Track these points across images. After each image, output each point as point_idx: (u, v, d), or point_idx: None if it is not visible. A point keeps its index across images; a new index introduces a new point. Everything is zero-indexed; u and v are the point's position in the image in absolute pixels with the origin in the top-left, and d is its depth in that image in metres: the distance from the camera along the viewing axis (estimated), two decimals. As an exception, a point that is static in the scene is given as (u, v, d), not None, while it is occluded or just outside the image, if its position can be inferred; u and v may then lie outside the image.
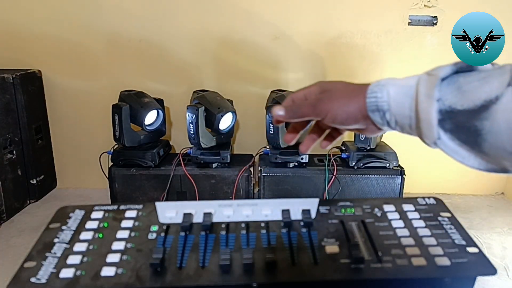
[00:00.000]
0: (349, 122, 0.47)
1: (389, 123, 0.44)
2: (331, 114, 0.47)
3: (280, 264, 0.42)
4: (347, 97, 0.47)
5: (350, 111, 0.46)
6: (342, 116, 0.46)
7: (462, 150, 0.39)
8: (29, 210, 2.00)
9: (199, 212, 0.50)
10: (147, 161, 1.77)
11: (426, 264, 0.42)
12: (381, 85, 0.45)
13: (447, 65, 0.42)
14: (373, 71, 2.08)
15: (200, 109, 1.70)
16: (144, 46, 2.06)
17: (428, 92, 0.40)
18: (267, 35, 2.04)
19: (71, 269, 0.41)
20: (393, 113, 0.43)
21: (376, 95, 0.44)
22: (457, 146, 0.39)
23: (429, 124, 0.39)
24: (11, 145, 1.90)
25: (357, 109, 0.46)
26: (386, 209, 0.51)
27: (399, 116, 0.43)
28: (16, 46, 2.06)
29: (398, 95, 0.43)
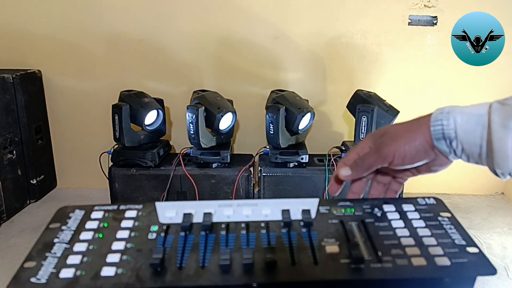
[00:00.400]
0: (419, 157, 0.46)
1: (456, 151, 0.43)
2: (398, 153, 0.46)
3: (280, 264, 0.42)
4: (410, 132, 0.46)
5: (417, 144, 0.45)
6: (411, 151, 0.45)
7: None
8: (29, 210, 2.00)
9: (199, 212, 0.50)
10: (147, 161, 1.77)
11: (426, 264, 0.42)
12: (446, 112, 0.43)
13: None
14: (373, 71, 2.08)
15: (200, 109, 1.70)
16: (144, 46, 2.06)
17: (503, 122, 0.39)
18: (267, 35, 2.04)
19: (71, 269, 0.41)
20: (461, 141, 0.42)
21: (442, 123, 0.43)
22: None
23: (505, 155, 0.38)
24: (11, 145, 1.90)
25: (424, 140, 0.44)
26: (386, 209, 0.51)
27: (467, 145, 0.42)
28: (16, 46, 2.06)
29: (467, 123, 0.42)
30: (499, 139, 0.39)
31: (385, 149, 0.46)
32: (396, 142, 0.46)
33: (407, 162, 0.46)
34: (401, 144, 0.45)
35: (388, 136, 0.47)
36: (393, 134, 0.47)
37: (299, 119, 1.74)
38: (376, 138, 0.48)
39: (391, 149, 0.46)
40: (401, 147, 0.45)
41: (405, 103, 1.93)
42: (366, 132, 1.72)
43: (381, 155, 0.47)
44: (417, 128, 0.45)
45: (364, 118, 1.72)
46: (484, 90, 2.04)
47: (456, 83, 2.07)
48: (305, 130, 1.84)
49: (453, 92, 2.08)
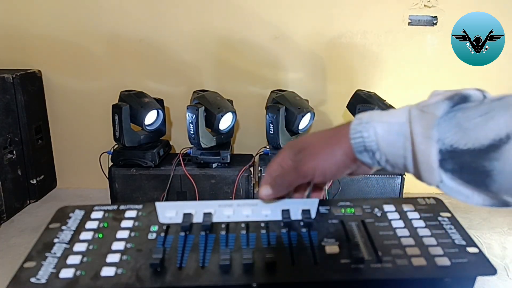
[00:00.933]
0: (341, 172, 0.44)
1: (380, 162, 0.41)
2: (319, 171, 0.43)
3: (280, 264, 0.42)
4: (328, 147, 0.43)
5: (338, 160, 0.43)
6: (332, 168, 0.43)
7: (465, 190, 0.36)
8: (29, 210, 2.00)
9: (199, 212, 0.50)
10: (147, 161, 1.77)
11: (426, 264, 0.42)
12: (365, 122, 0.41)
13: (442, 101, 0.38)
14: (373, 71, 2.08)
15: (200, 109, 1.70)
16: (144, 46, 2.06)
17: (425, 132, 0.36)
18: (267, 35, 2.04)
19: (71, 269, 0.41)
20: (384, 152, 0.40)
21: (362, 135, 0.40)
22: (460, 185, 0.36)
23: (430, 167, 0.36)
24: (11, 145, 1.90)
25: (344, 154, 0.42)
26: (386, 209, 0.51)
27: (391, 156, 0.40)
28: (16, 46, 2.06)
29: (388, 134, 0.39)
30: (423, 151, 0.36)
31: (304, 168, 0.44)
32: (315, 159, 0.43)
33: (329, 178, 0.44)
34: (321, 161, 0.43)
35: (307, 153, 0.44)
36: (311, 150, 0.44)
37: (299, 119, 1.74)
38: (295, 152, 0.46)
39: (311, 167, 0.44)
40: (321, 164, 0.43)
41: (405, 103, 1.92)
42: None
43: (300, 174, 0.45)
44: (337, 142, 0.43)
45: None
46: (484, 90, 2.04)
47: (456, 83, 2.07)
48: (305, 130, 1.84)
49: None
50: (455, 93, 0.38)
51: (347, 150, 0.42)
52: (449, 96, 0.38)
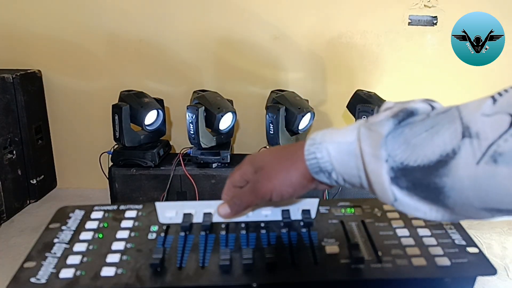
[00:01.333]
0: (298, 192, 0.44)
1: (337, 181, 0.41)
2: (276, 192, 0.44)
3: (280, 264, 0.42)
4: (284, 169, 0.43)
5: (294, 182, 0.43)
6: (288, 190, 0.43)
7: (423, 206, 0.35)
8: (29, 210, 2.00)
9: (199, 212, 0.50)
10: (147, 161, 1.77)
11: (426, 264, 0.42)
12: (318, 143, 0.41)
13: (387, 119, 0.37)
14: (373, 71, 2.08)
15: (200, 109, 1.70)
16: (144, 46, 2.06)
17: (374, 152, 0.36)
18: (267, 35, 2.04)
19: (71, 269, 0.41)
20: (339, 172, 0.40)
21: (316, 156, 0.40)
22: (417, 202, 0.35)
23: (382, 186, 0.36)
24: (11, 145, 1.90)
25: (301, 176, 0.42)
26: (386, 209, 0.51)
27: (346, 176, 0.40)
28: (16, 46, 2.06)
29: (340, 154, 0.39)
30: (373, 171, 0.36)
31: (261, 190, 0.44)
32: (271, 182, 0.44)
33: (286, 198, 0.45)
34: (277, 183, 0.43)
35: (264, 174, 0.44)
36: (268, 171, 0.44)
37: (299, 119, 1.74)
38: (254, 169, 0.46)
39: (268, 189, 0.44)
40: (278, 187, 0.43)
41: (405, 103, 1.93)
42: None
43: (258, 195, 0.45)
44: (292, 164, 0.43)
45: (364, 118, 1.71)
46: (484, 90, 2.03)
47: (456, 83, 2.07)
48: (305, 130, 1.83)
49: (453, 92, 2.08)
50: (401, 109, 0.38)
51: (303, 171, 0.42)
52: (395, 113, 0.38)
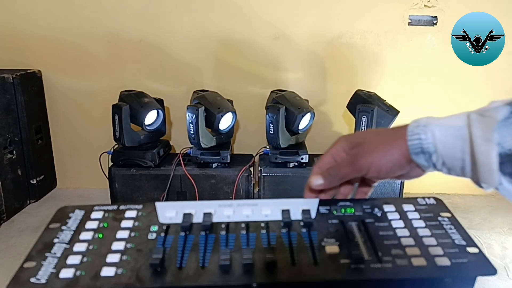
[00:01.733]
0: (395, 171, 0.45)
1: (436, 165, 0.42)
2: (374, 166, 0.44)
3: (280, 264, 0.42)
4: (386, 145, 0.45)
5: (394, 159, 0.44)
6: (387, 166, 0.44)
7: None
8: (29, 210, 2.00)
9: (199, 212, 0.50)
10: (147, 161, 1.77)
11: (426, 264, 0.42)
12: (423, 125, 0.42)
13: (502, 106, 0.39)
14: (373, 71, 2.08)
15: (200, 109, 1.70)
16: (144, 46, 2.06)
17: (485, 135, 0.37)
18: (267, 35, 2.04)
19: (71, 269, 0.41)
20: (441, 155, 0.41)
21: (420, 137, 0.42)
22: None
23: (490, 169, 0.37)
24: (11, 145, 1.90)
25: (401, 154, 0.43)
26: (386, 209, 0.51)
27: (448, 159, 0.41)
28: (16, 46, 2.06)
29: (446, 137, 0.40)
30: (483, 153, 0.37)
31: (360, 161, 0.45)
32: (372, 155, 0.45)
33: (382, 175, 0.46)
34: (377, 157, 0.44)
35: (364, 148, 0.46)
36: (369, 145, 0.45)
37: (299, 119, 1.74)
38: (352, 145, 0.47)
39: (367, 162, 0.45)
40: (377, 160, 0.44)
41: (405, 103, 1.93)
42: (366, 132, 1.72)
43: (356, 167, 0.46)
44: (394, 141, 0.44)
45: (364, 118, 1.71)
46: (484, 90, 2.04)
47: (456, 83, 2.07)
48: (305, 130, 1.84)
49: (453, 92, 2.08)
50: None
51: (403, 151, 0.43)
52: (509, 102, 0.39)
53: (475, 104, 0.43)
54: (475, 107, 0.42)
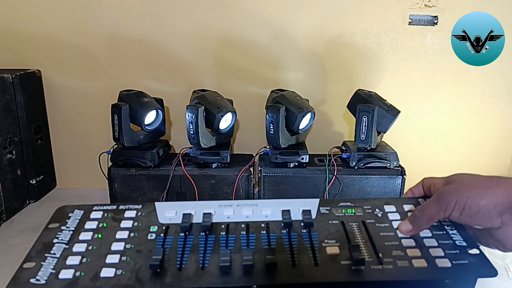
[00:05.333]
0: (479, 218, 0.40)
1: None
2: (458, 205, 0.40)
3: (280, 266, 0.42)
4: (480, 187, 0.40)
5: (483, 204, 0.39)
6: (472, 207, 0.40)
7: None
8: (29, 210, 1.99)
9: (199, 212, 0.49)
10: (146, 161, 1.77)
11: (427, 266, 0.42)
12: None
13: None
14: (373, 70, 2.08)
15: (200, 109, 1.70)
16: (144, 46, 2.05)
17: None
18: (267, 35, 2.04)
19: (70, 270, 0.41)
20: None
21: None
22: None
23: None
24: (11, 145, 1.90)
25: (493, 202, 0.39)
26: (387, 210, 0.51)
27: None
28: (15, 46, 2.06)
29: None
30: None
31: (446, 197, 0.42)
32: (460, 192, 0.41)
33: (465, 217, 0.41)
34: (465, 196, 0.40)
35: (455, 184, 0.42)
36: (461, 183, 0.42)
37: (300, 119, 1.74)
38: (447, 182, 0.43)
39: (453, 198, 0.41)
40: (464, 199, 0.40)
41: (406, 103, 1.93)
42: (367, 132, 1.72)
43: (440, 204, 0.42)
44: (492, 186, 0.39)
45: (364, 118, 1.71)
46: (485, 90, 2.04)
47: (456, 83, 2.07)
48: (305, 130, 1.83)
49: (453, 92, 2.08)
50: None
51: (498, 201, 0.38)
52: None
53: (475, 104, 0.42)
54: (475, 107, 0.41)
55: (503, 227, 0.40)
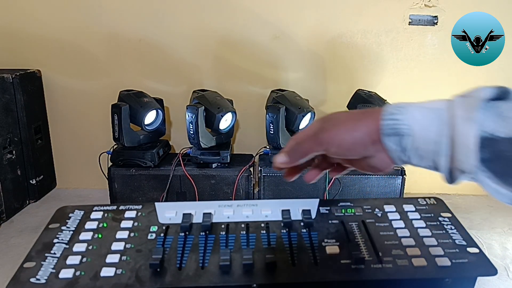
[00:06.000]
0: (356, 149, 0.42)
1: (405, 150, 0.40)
2: (335, 141, 0.42)
3: (280, 265, 0.42)
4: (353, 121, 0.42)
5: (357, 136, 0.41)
6: (348, 141, 0.42)
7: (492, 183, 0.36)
8: (29, 210, 1.99)
9: (199, 212, 0.49)
10: (146, 161, 1.77)
11: (426, 265, 0.42)
12: (402, 107, 0.40)
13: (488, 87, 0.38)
14: (373, 70, 2.08)
15: (200, 109, 1.70)
16: (143, 46, 2.05)
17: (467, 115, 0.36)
18: (267, 35, 2.04)
19: (70, 270, 0.41)
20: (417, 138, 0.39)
21: (396, 117, 0.39)
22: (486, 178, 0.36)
23: (467, 149, 0.36)
24: (11, 145, 1.90)
25: (366, 133, 0.41)
26: (386, 210, 0.51)
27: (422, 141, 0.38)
28: (16, 46, 2.06)
29: (424, 118, 0.39)
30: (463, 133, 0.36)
31: (322, 135, 0.43)
32: (335, 129, 0.43)
33: (343, 151, 0.43)
34: (341, 132, 0.42)
35: (331, 122, 0.44)
36: (336, 120, 0.44)
37: (300, 119, 1.74)
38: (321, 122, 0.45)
39: (329, 135, 0.43)
40: (339, 134, 0.42)
41: (405, 103, 1.93)
42: (366, 132, 1.72)
43: (317, 141, 0.43)
44: (363, 118, 0.42)
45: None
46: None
47: (456, 83, 2.06)
48: (305, 130, 1.83)
49: (453, 92, 2.08)
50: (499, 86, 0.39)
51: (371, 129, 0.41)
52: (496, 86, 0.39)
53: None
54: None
55: (377, 154, 0.42)
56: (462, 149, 0.36)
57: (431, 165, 0.39)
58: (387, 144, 0.40)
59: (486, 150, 0.35)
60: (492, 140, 0.35)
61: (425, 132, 0.38)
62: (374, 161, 0.43)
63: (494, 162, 0.35)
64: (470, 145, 0.36)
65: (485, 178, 0.36)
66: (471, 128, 0.36)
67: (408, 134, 0.39)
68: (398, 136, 0.39)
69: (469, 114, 0.36)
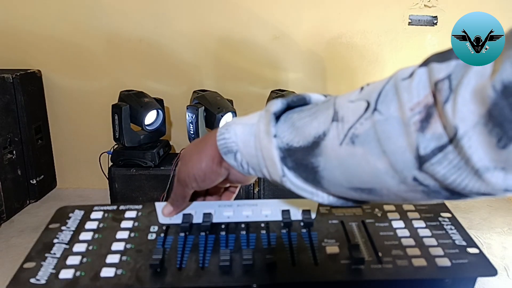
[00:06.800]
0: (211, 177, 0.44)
1: (242, 164, 0.42)
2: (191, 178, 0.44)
3: (280, 265, 0.42)
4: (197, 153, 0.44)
5: (203, 166, 0.43)
6: (200, 174, 0.43)
7: (307, 187, 0.38)
8: (29, 210, 2.00)
9: (199, 212, 0.50)
10: (147, 161, 1.77)
11: (426, 265, 0.42)
12: (228, 125, 0.42)
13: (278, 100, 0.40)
14: (373, 71, 2.08)
15: (200, 109, 1.70)
16: (144, 46, 2.05)
17: (266, 129, 0.38)
18: (267, 35, 2.04)
19: (70, 270, 0.41)
20: (243, 153, 0.41)
21: (224, 136, 0.41)
22: (302, 183, 0.38)
23: (272, 161, 0.38)
24: (11, 145, 1.90)
25: (210, 159, 0.43)
26: (386, 209, 0.51)
27: (248, 156, 0.41)
28: (16, 46, 2.06)
29: (244, 134, 0.41)
30: (266, 146, 0.38)
31: (180, 176, 0.45)
32: (186, 166, 0.44)
33: (202, 184, 0.45)
34: (190, 168, 0.44)
35: (183, 161, 0.45)
36: (184, 158, 0.45)
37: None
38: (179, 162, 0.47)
39: (184, 175, 0.44)
40: (191, 171, 0.44)
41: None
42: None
43: (180, 182, 0.45)
44: (204, 148, 0.44)
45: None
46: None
47: (456, 83, 2.07)
48: (305, 130, 1.83)
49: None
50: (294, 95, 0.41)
51: (212, 154, 0.43)
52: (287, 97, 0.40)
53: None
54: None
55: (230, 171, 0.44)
56: (269, 161, 0.38)
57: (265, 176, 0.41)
58: (228, 161, 0.42)
59: (290, 159, 0.37)
60: (290, 150, 0.37)
61: (247, 147, 0.40)
62: (232, 177, 0.45)
63: (299, 169, 0.37)
64: (274, 158, 0.38)
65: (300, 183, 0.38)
66: (270, 141, 0.38)
67: (237, 150, 0.41)
68: (232, 153, 0.41)
69: (267, 127, 0.38)
